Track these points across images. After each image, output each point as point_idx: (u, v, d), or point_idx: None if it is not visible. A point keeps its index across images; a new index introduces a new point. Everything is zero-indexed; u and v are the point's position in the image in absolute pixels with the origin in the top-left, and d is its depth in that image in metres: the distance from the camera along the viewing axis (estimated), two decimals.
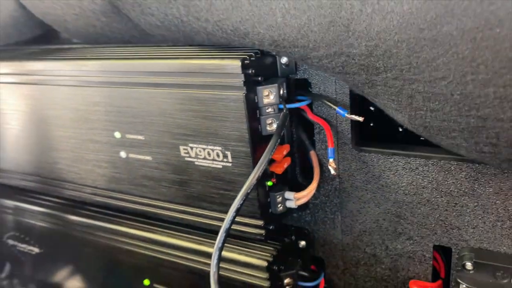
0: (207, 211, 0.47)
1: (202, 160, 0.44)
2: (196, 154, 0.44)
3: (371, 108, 0.46)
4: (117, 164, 0.50)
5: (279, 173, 0.44)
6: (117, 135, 0.48)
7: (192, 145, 0.44)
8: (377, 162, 0.44)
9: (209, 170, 0.44)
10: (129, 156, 0.49)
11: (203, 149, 0.43)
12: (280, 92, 0.42)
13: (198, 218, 0.48)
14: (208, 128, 0.42)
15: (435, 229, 0.44)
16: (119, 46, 0.51)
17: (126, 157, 0.49)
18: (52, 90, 0.51)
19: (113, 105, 0.47)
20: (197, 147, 0.44)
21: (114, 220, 0.56)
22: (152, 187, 0.49)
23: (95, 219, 0.57)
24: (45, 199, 0.63)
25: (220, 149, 0.42)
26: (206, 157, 0.44)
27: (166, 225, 0.52)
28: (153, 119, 0.45)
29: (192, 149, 0.44)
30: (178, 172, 0.46)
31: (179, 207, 0.49)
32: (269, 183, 0.44)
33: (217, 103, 0.41)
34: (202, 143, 0.43)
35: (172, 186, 0.48)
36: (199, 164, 0.44)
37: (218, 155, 0.43)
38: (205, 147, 0.43)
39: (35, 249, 0.66)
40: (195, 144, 0.44)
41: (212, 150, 0.43)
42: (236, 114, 0.40)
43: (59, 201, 0.61)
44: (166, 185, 0.48)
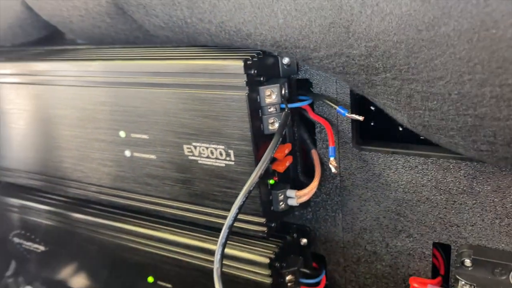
0: (210, 209, 0.47)
1: (205, 158, 0.44)
2: (200, 153, 0.45)
3: (372, 107, 0.47)
4: (121, 163, 0.51)
5: (281, 172, 0.44)
6: (122, 134, 0.49)
7: (195, 144, 0.44)
8: (377, 160, 0.44)
9: (212, 168, 0.44)
10: (134, 155, 0.49)
11: (206, 148, 0.44)
12: (282, 92, 0.42)
13: (201, 215, 0.48)
14: (211, 127, 0.42)
15: (435, 227, 0.44)
16: (123, 47, 0.52)
17: (130, 156, 0.49)
18: (58, 90, 0.52)
19: (118, 104, 0.47)
20: (200, 146, 0.44)
21: (119, 218, 0.56)
22: (156, 186, 0.49)
23: (100, 217, 0.57)
24: (51, 198, 0.63)
25: (223, 148, 0.43)
26: (209, 155, 0.44)
27: (169, 222, 0.53)
28: (157, 119, 0.45)
29: (195, 148, 0.45)
30: (182, 171, 0.47)
31: (182, 205, 0.49)
32: (271, 181, 0.44)
33: (220, 102, 0.41)
34: (205, 142, 0.44)
35: (176, 184, 0.48)
36: (202, 162, 0.45)
37: (221, 154, 0.43)
38: (208, 146, 0.44)
39: (40, 247, 0.66)
40: (198, 143, 0.44)
41: (215, 149, 0.43)
42: (239, 113, 0.40)
43: (65, 200, 0.61)
44: (170, 183, 0.48)
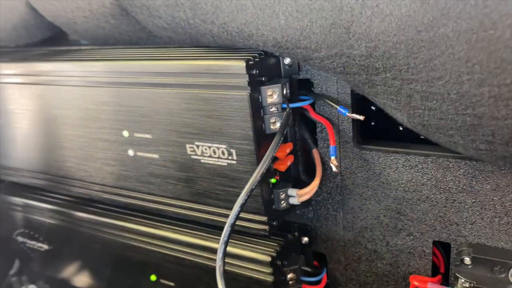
0: (213, 207, 0.48)
1: (208, 158, 0.45)
2: (202, 152, 0.45)
3: (372, 107, 0.47)
4: (125, 162, 0.51)
5: (283, 171, 0.44)
6: (125, 134, 0.49)
7: (198, 143, 0.45)
8: (378, 159, 0.45)
9: (214, 167, 0.45)
10: (137, 154, 0.49)
11: (209, 147, 0.44)
12: (284, 91, 0.42)
13: (203, 214, 0.49)
14: (214, 127, 0.43)
15: (435, 225, 0.44)
16: (127, 48, 0.52)
17: (134, 155, 0.50)
18: (62, 90, 0.52)
19: (122, 104, 0.48)
20: (203, 145, 0.45)
21: (122, 217, 0.56)
22: (159, 185, 0.50)
23: (103, 216, 0.57)
24: (54, 197, 0.63)
25: (225, 147, 0.43)
26: (212, 155, 0.44)
27: (172, 221, 0.53)
28: (160, 118, 0.46)
29: (198, 147, 0.45)
30: (185, 170, 0.47)
31: (185, 204, 0.49)
32: (273, 180, 0.45)
33: (223, 102, 0.41)
34: (208, 142, 0.44)
35: (179, 183, 0.48)
36: (204, 161, 0.45)
37: (223, 153, 0.44)
38: (211, 145, 0.44)
39: (44, 245, 0.66)
40: (201, 142, 0.44)
41: (218, 148, 0.44)
42: (241, 113, 0.41)
43: (68, 199, 0.62)
44: (172, 182, 0.49)
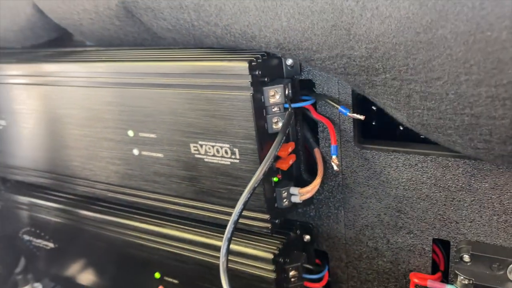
0: (216, 206, 0.48)
1: (211, 157, 0.45)
2: (206, 151, 0.45)
3: (373, 107, 0.48)
4: (130, 161, 0.51)
5: (285, 169, 0.45)
6: (130, 133, 0.50)
7: (201, 143, 0.45)
8: (378, 159, 0.45)
9: (217, 166, 0.45)
10: (142, 153, 0.50)
11: (212, 147, 0.45)
12: (286, 92, 0.43)
13: (207, 212, 0.49)
14: (217, 127, 0.43)
15: (434, 223, 0.45)
16: (131, 49, 0.52)
17: (138, 155, 0.50)
18: (67, 91, 0.52)
19: (126, 105, 0.48)
20: (206, 145, 0.45)
21: (126, 215, 0.57)
22: (163, 183, 0.50)
23: (108, 215, 0.58)
24: (60, 196, 0.64)
25: (229, 146, 0.44)
26: (215, 154, 0.45)
27: (176, 219, 0.54)
28: (165, 118, 0.46)
29: (201, 146, 0.45)
30: (188, 169, 0.47)
31: (189, 202, 0.50)
32: (275, 179, 0.45)
33: (226, 102, 0.42)
34: (211, 141, 0.44)
35: (182, 182, 0.49)
36: (208, 160, 0.46)
37: (226, 152, 0.44)
38: (214, 144, 0.44)
39: (50, 244, 0.67)
40: (204, 141, 0.45)
41: (221, 147, 0.44)
42: (244, 113, 0.41)
43: (74, 197, 0.62)
44: (176, 181, 0.49)
